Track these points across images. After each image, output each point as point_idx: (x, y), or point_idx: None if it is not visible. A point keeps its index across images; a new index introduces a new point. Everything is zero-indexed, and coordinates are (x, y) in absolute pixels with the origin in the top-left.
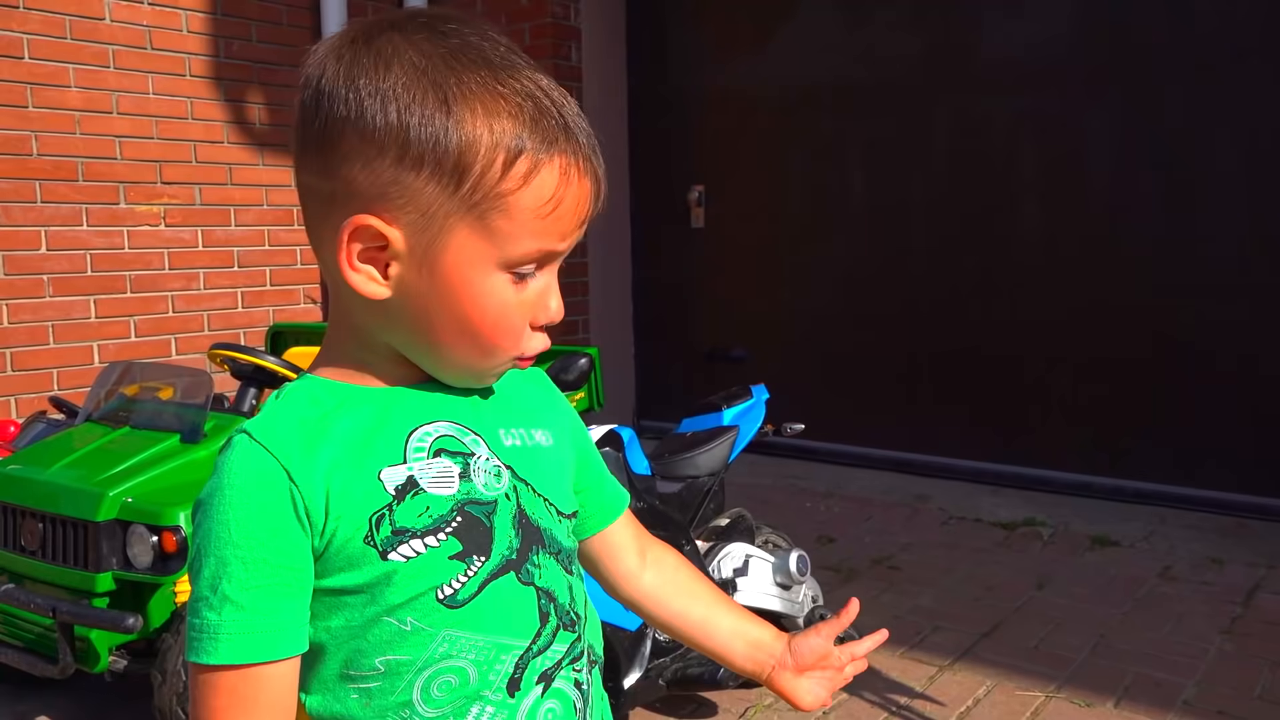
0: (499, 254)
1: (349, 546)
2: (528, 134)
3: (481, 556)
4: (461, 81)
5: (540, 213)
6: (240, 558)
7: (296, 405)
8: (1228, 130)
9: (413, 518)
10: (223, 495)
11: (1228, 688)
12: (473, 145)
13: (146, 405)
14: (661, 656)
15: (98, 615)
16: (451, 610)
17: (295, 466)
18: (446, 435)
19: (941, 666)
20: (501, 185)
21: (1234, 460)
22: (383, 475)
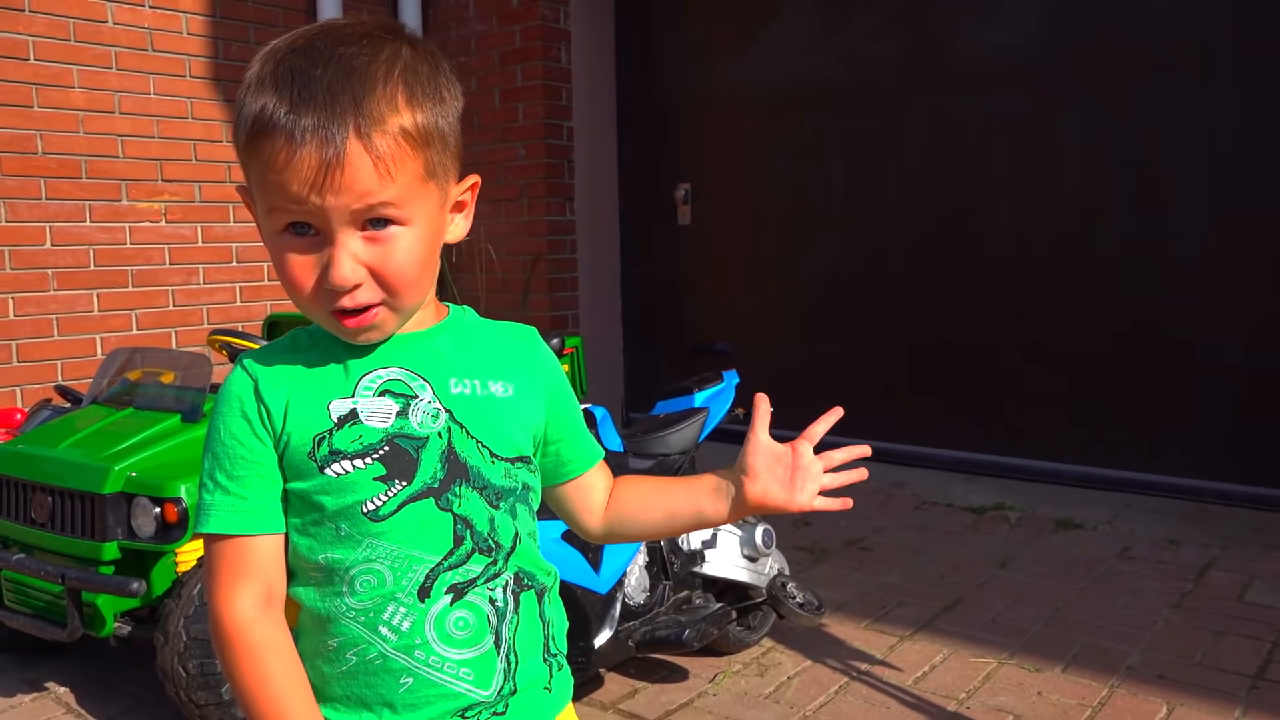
0: (271, 215)
1: (296, 457)
2: (259, 116)
3: (403, 481)
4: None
5: (268, 174)
6: (224, 453)
7: (286, 342)
8: (1191, 130)
9: (346, 442)
10: (217, 405)
11: (1170, 654)
12: (243, 120)
13: (149, 388)
14: (631, 620)
15: (104, 580)
16: (374, 523)
17: (265, 388)
18: (395, 379)
19: (902, 637)
20: (248, 147)
21: (1197, 448)
22: (331, 405)
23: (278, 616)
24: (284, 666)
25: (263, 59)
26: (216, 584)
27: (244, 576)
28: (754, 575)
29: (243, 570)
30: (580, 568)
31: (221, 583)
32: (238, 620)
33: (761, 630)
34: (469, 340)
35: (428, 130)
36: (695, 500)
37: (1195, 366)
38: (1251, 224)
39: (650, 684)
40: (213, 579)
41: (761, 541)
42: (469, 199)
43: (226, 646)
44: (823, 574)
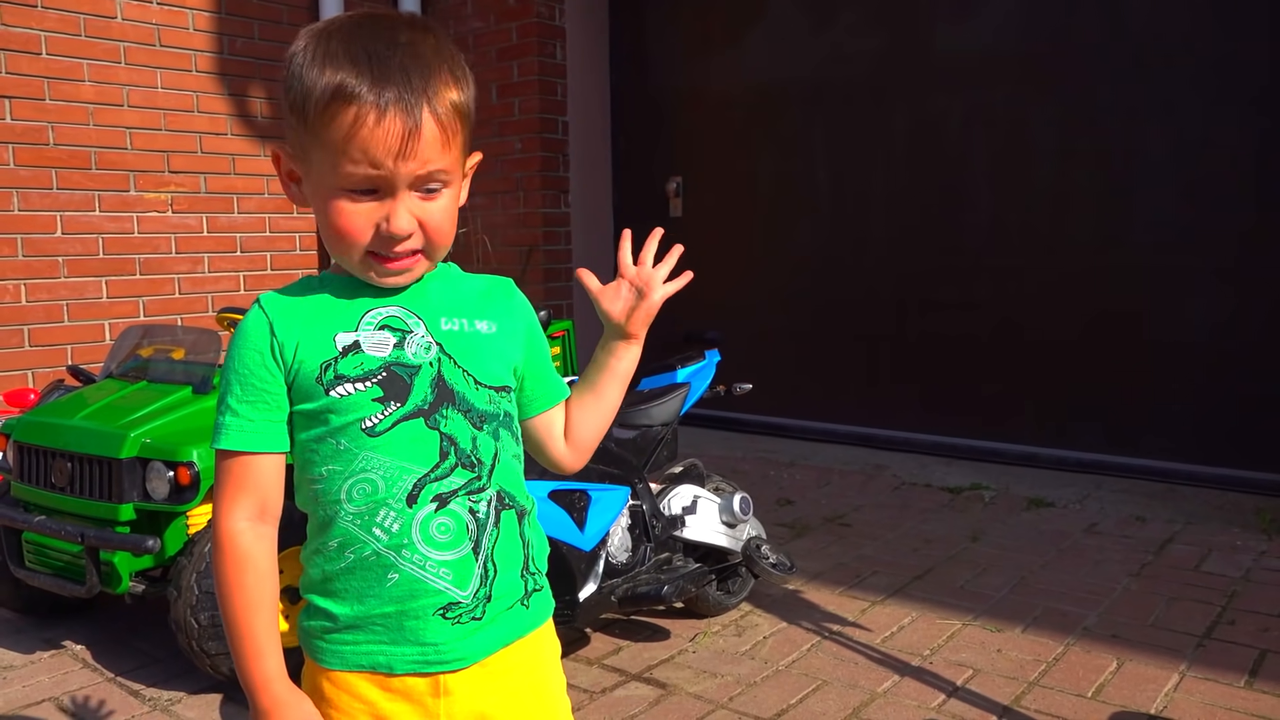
0: (335, 175)
1: (306, 382)
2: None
3: (397, 402)
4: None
5: (345, 142)
6: (240, 379)
7: (299, 284)
8: (1159, 124)
9: (350, 368)
10: (235, 337)
11: (1125, 617)
12: (314, 88)
13: (160, 363)
14: (614, 578)
15: (121, 539)
16: (371, 438)
17: (278, 323)
18: (393, 315)
19: (874, 602)
20: (320, 122)
21: (1168, 431)
22: (336, 337)
23: (267, 531)
24: (256, 580)
25: (316, 40)
26: (220, 495)
27: (243, 489)
28: (732, 541)
29: (243, 484)
30: (566, 525)
31: (225, 494)
32: (230, 529)
33: (740, 595)
34: (457, 286)
35: (468, 106)
36: (596, 366)
37: (1165, 353)
38: (1218, 214)
39: (634, 643)
40: (218, 490)
41: (739, 509)
42: (471, 170)
43: (217, 550)
44: (802, 547)
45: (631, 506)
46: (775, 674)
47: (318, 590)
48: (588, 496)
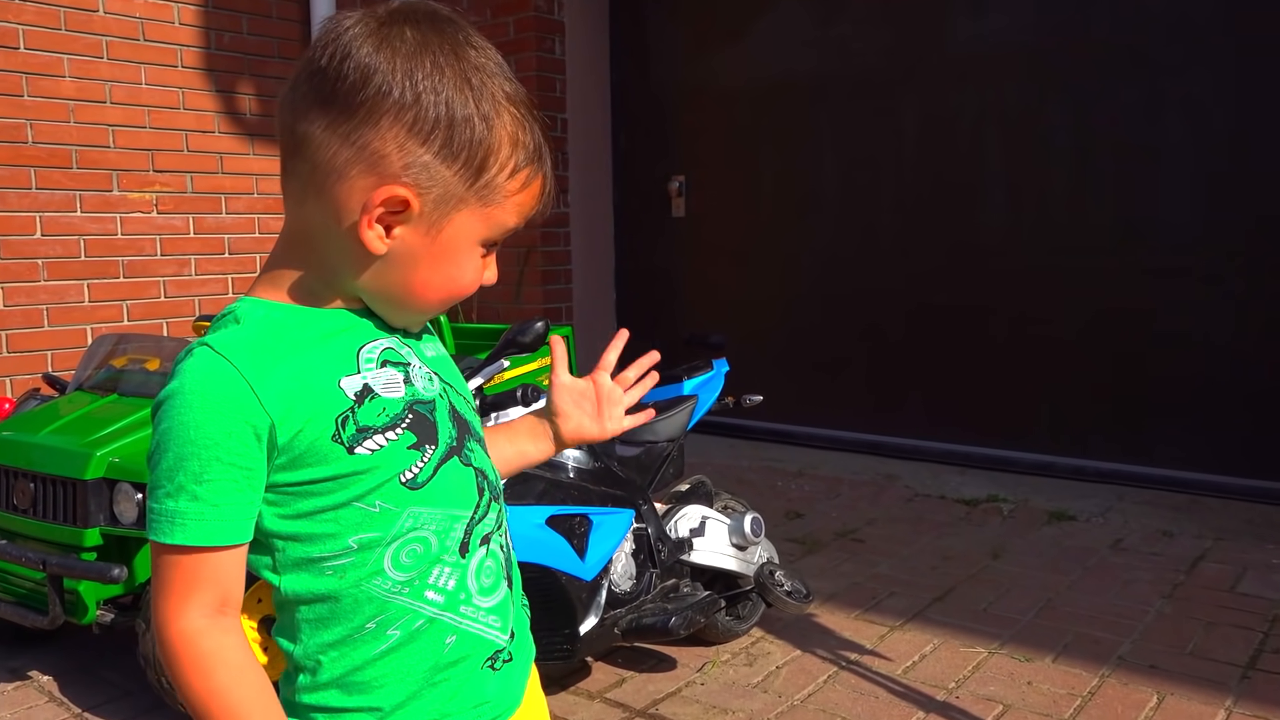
0: (485, 232)
1: (317, 444)
2: (529, 151)
3: (432, 445)
4: (492, 97)
5: (523, 207)
6: (195, 453)
7: (248, 326)
8: (1179, 119)
9: (373, 417)
10: (183, 398)
11: (1161, 645)
12: (496, 151)
13: (133, 375)
14: (617, 608)
15: (85, 567)
16: (413, 491)
17: (256, 377)
18: (389, 348)
19: (893, 627)
20: (508, 186)
21: (1191, 440)
22: (342, 384)
23: (230, 623)
24: (233, 679)
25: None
26: (166, 595)
27: (198, 587)
28: (742, 564)
29: (198, 581)
30: (565, 554)
31: (172, 594)
32: (184, 632)
33: (750, 620)
34: None
35: None
36: (517, 445)
37: (1189, 359)
38: (1242, 212)
39: (638, 673)
40: (162, 589)
41: (750, 530)
42: None
43: (172, 660)
44: (814, 565)
45: (636, 530)
46: (790, 710)
47: (342, 686)
48: (588, 521)
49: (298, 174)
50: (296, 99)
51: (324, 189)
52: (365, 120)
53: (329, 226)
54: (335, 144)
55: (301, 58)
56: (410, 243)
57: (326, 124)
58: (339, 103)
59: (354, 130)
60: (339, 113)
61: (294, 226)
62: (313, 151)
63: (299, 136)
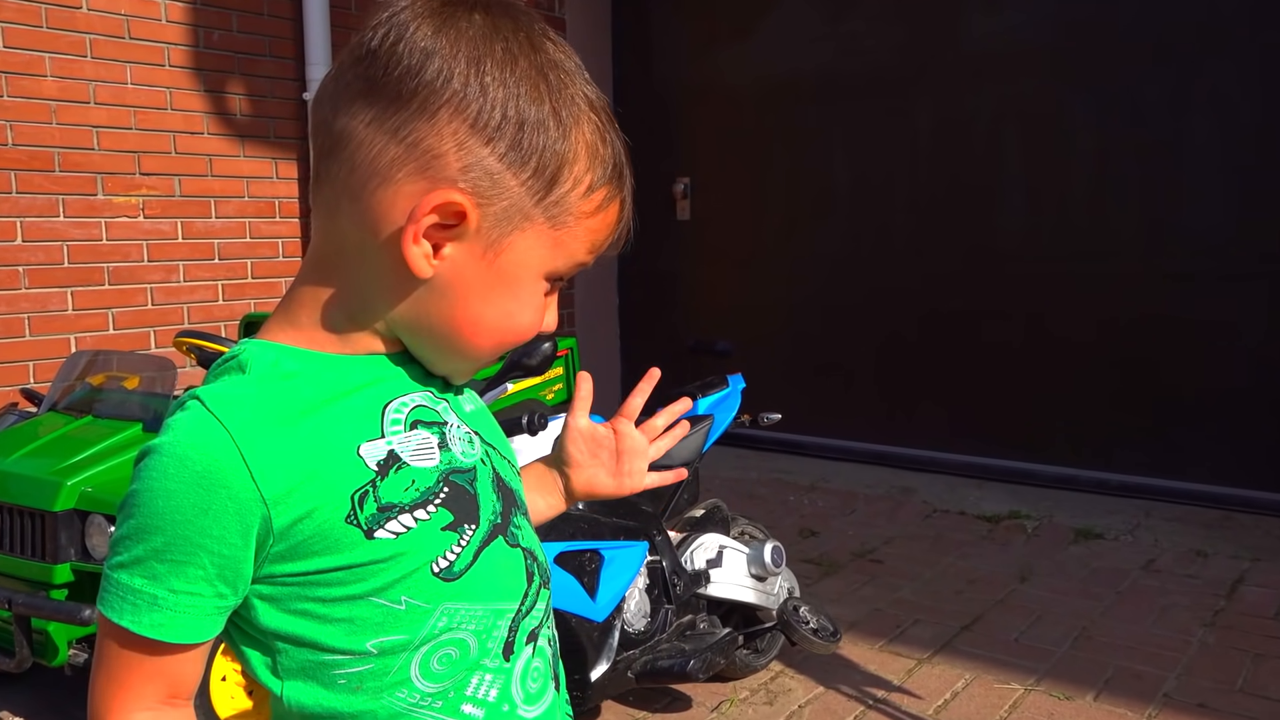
0: (551, 261)
1: (329, 527)
2: (609, 167)
3: (472, 525)
4: (571, 99)
5: (596, 236)
6: (163, 529)
7: (260, 375)
8: (1208, 116)
9: (399, 492)
10: (162, 463)
11: (1209, 680)
12: (572, 163)
13: (111, 394)
14: (630, 649)
15: (54, 607)
16: (448, 583)
17: (253, 446)
18: (421, 406)
19: (920, 659)
20: (581, 205)
21: (1220, 453)
22: (362, 450)
23: (180, 714)
24: None
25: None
26: (107, 680)
27: (145, 680)
28: (762, 596)
29: (144, 674)
30: (575, 594)
31: (113, 681)
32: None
33: (770, 653)
34: None
35: None
36: (530, 494)
37: (1217, 366)
38: (1276, 214)
39: (651, 713)
40: (103, 671)
41: (770, 560)
42: None
43: None
44: (832, 588)
45: (649, 563)
46: None
47: None
48: (600, 557)
49: (332, 179)
50: (339, 89)
51: (362, 195)
52: (419, 112)
53: (365, 242)
54: (381, 140)
55: (350, 42)
56: (462, 266)
57: (372, 117)
58: (389, 91)
59: (405, 124)
60: (388, 103)
61: (322, 247)
62: (353, 150)
63: (337, 133)
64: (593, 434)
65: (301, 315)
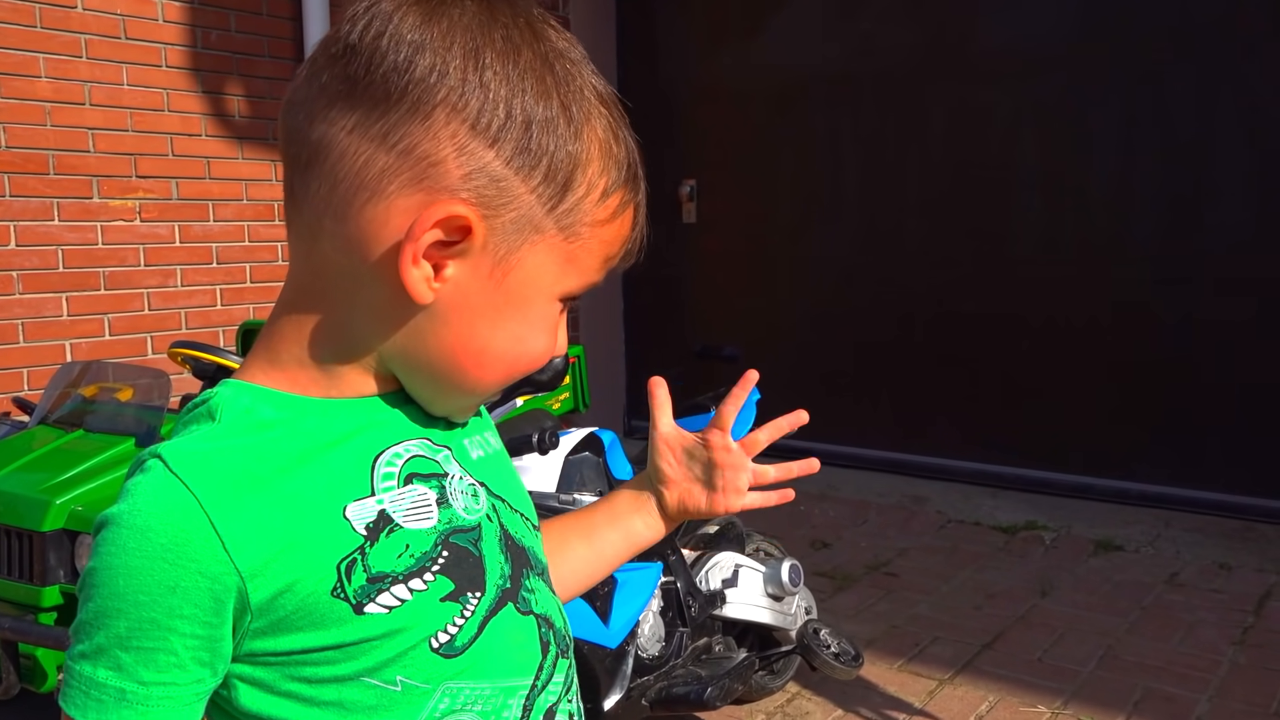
0: (564, 279)
1: (312, 600)
2: (623, 169)
3: (476, 592)
4: (580, 93)
5: (610, 248)
6: (125, 613)
7: (232, 424)
8: (1232, 119)
9: (391, 560)
10: (122, 536)
11: (1241, 702)
12: (585, 165)
13: (104, 407)
14: (644, 675)
15: (42, 632)
16: (449, 660)
17: (223, 513)
18: (417, 456)
19: (941, 680)
20: (595, 213)
21: (1240, 461)
22: (348, 512)
23: None
24: None
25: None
26: None
27: None
28: (779, 616)
29: None
30: (587, 620)
31: None
32: None
33: (786, 674)
34: None
35: None
36: (621, 526)
37: (1238, 371)
38: None
39: None
40: None
41: (788, 579)
42: None
43: None
44: (847, 604)
45: (664, 584)
46: None
47: None
48: (612, 580)
49: (311, 197)
50: (314, 91)
51: (348, 214)
52: (411, 114)
53: (353, 267)
54: (368, 149)
55: (324, 37)
56: (466, 287)
57: (355, 122)
58: (374, 91)
59: (395, 128)
60: (374, 105)
61: (301, 275)
62: (334, 162)
63: (315, 143)
64: (682, 443)
65: (282, 351)
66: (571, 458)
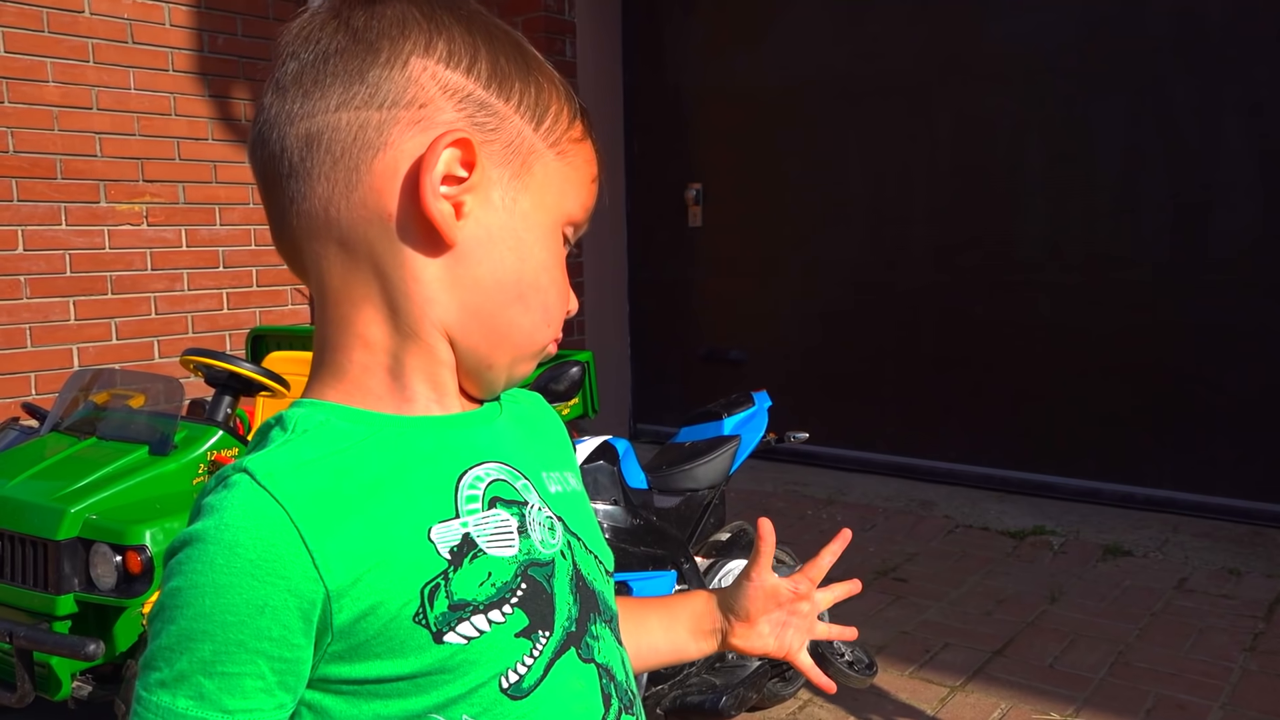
0: (565, 199)
1: (394, 625)
2: (576, 104)
3: (546, 631)
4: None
5: (593, 167)
6: (212, 635)
7: (315, 440)
8: (1238, 122)
9: (473, 587)
10: (209, 553)
11: (1256, 710)
12: (550, 91)
13: (115, 414)
14: (659, 684)
15: (57, 641)
16: (515, 701)
17: (314, 527)
18: (499, 480)
19: (953, 687)
20: (571, 132)
21: (1249, 466)
22: (433, 534)
23: None
24: None
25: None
26: None
27: None
28: None
29: None
30: None
31: None
32: None
33: (798, 681)
34: (520, 416)
35: None
36: (674, 636)
37: (1246, 378)
38: None
39: None
40: None
41: None
42: None
43: None
44: (857, 609)
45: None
46: None
47: None
48: (627, 588)
49: (311, 196)
50: (285, 104)
51: (358, 176)
52: (387, 66)
53: (379, 230)
54: (359, 115)
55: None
56: (487, 222)
57: (338, 100)
58: (347, 63)
59: (379, 87)
60: (350, 78)
61: (330, 279)
62: (329, 142)
63: (302, 141)
64: (775, 592)
65: (343, 360)
66: (586, 466)
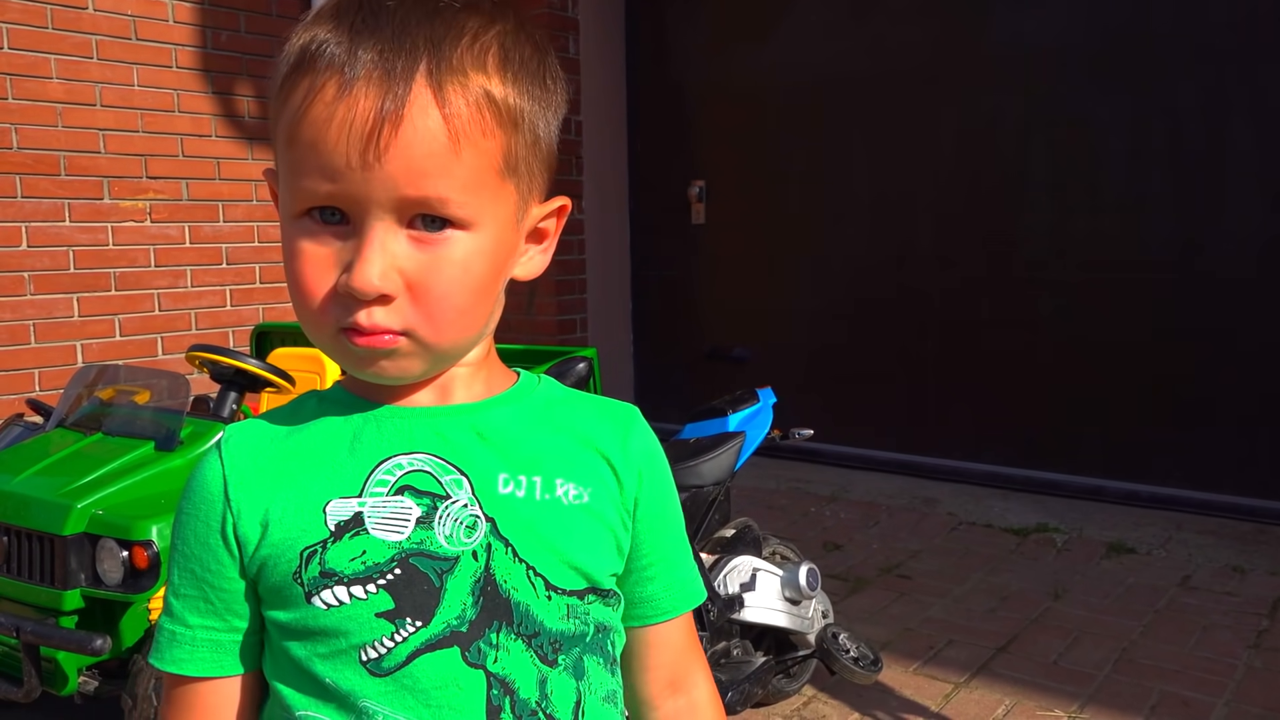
0: (287, 191)
1: (276, 578)
2: (307, 45)
3: (418, 621)
4: None
5: (296, 134)
6: (177, 563)
7: (287, 410)
8: (1242, 118)
9: (344, 560)
10: (183, 498)
11: (1259, 707)
12: (284, 54)
13: (121, 410)
14: None
15: (64, 636)
16: (373, 678)
17: (237, 481)
18: (420, 471)
19: (957, 684)
20: (275, 106)
21: (1252, 465)
22: (328, 507)
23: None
24: None
25: None
26: None
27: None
28: (796, 620)
29: (186, 712)
30: None
31: None
32: None
33: (802, 678)
34: (537, 420)
35: (519, 111)
36: None
37: (1251, 377)
38: None
39: None
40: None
41: (805, 583)
42: (552, 228)
43: None
44: (861, 606)
45: None
46: None
47: None
48: None
49: None
50: None
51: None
52: None
53: None
54: None
55: None
56: None
57: None
58: None
59: None
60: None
61: None
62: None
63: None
64: None
65: None
66: None
